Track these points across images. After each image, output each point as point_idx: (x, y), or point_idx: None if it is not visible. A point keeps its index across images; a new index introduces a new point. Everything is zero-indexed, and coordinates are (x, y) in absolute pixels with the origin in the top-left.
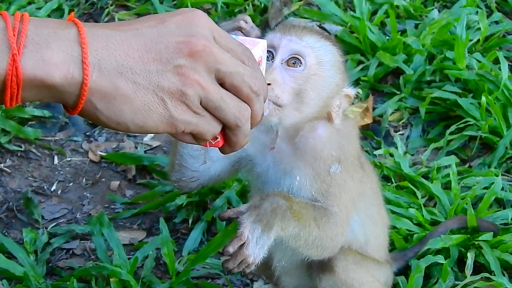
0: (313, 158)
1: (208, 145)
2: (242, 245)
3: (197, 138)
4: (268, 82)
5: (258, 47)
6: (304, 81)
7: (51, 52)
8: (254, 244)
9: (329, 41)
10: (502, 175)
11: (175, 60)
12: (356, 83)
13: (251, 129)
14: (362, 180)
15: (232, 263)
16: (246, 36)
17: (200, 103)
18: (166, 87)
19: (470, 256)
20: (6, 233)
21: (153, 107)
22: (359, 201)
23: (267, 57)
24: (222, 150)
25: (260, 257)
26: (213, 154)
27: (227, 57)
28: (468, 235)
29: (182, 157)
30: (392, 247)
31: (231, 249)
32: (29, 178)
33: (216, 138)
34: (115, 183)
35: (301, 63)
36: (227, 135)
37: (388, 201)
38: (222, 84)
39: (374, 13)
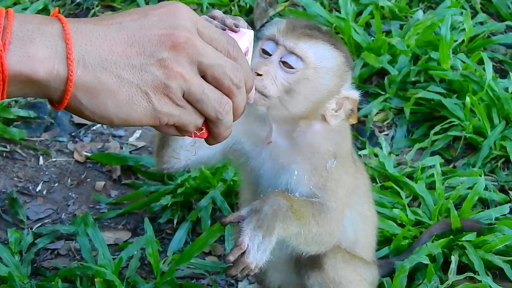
0: (311, 153)
1: (193, 135)
2: (243, 253)
3: (180, 129)
4: (260, 73)
5: (245, 37)
6: (295, 82)
7: (36, 48)
8: (255, 251)
9: (333, 45)
10: (486, 175)
11: (158, 53)
12: None
13: (234, 120)
14: (356, 176)
15: (235, 271)
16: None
17: (183, 96)
18: (150, 80)
19: (454, 260)
20: None
21: (137, 100)
22: (352, 197)
23: (267, 49)
24: (207, 141)
25: (262, 261)
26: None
27: (209, 49)
28: (452, 236)
29: (175, 151)
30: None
31: (231, 258)
32: (14, 178)
33: (201, 129)
34: (100, 184)
35: (295, 65)
36: (209, 127)
37: None
38: (204, 76)
39: (359, 14)
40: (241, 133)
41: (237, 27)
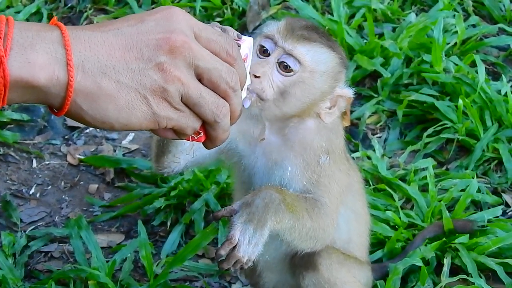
0: (303, 148)
1: (190, 139)
2: (234, 247)
3: (178, 133)
4: (258, 75)
5: (244, 44)
6: (291, 84)
7: (36, 54)
8: (245, 245)
9: (329, 48)
10: (479, 177)
11: (156, 57)
12: None
13: (231, 124)
14: (349, 173)
15: (226, 264)
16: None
17: (181, 99)
18: (149, 84)
19: (447, 262)
20: None
21: (137, 105)
22: (346, 194)
23: (265, 48)
24: (204, 145)
25: (255, 254)
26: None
27: (205, 53)
28: (445, 239)
29: (175, 156)
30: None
31: (223, 252)
32: (8, 181)
33: (199, 133)
34: (93, 186)
35: (293, 67)
36: (207, 130)
37: None
38: (200, 80)
39: (351, 16)
40: (235, 132)
41: (240, 37)
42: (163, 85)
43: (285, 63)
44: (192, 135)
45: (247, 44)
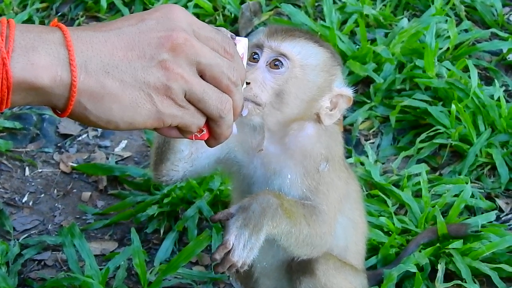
0: (303, 156)
1: (194, 138)
2: (228, 252)
3: (182, 131)
4: (248, 81)
5: (239, 44)
6: (284, 82)
7: (39, 56)
8: (240, 250)
9: (316, 43)
10: (472, 182)
11: (158, 55)
12: None
13: (233, 120)
14: (348, 181)
15: (221, 268)
16: None
17: (184, 96)
18: (152, 82)
19: (441, 268)
20: None
21: (141, 103)
22: (344, 203)
23: (254, 56)
24: (207, 142)
25: (250, 259)
26: (200, 152)
27: (206, 49)
28: (439, 244)
29: (173, 164)
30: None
31: (217, 256)
32: (0, 189)
33: (202, 131)
34: (86, 194)
35: (283, 65)
36: (211, 127)
37: None
38: (202, 76)
39: (344, 22)
40: (234, 141)
41: (233, 38)
42: (167, 83)
43: (274, 62)
44: (195, 134)
45: (242, 44)
